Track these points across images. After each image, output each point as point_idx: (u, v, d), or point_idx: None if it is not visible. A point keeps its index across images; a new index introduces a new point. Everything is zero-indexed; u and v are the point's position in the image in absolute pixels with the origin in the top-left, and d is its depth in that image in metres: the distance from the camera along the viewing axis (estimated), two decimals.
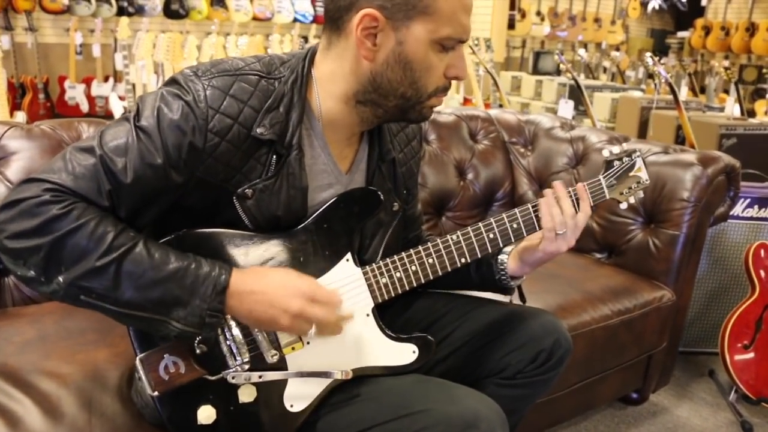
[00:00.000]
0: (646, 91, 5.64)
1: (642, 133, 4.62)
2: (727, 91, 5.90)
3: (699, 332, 2.45)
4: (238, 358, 1.02)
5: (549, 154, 2.37)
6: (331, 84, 1.09)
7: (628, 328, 1.86)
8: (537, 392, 1.30)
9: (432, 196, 2.16)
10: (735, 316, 2.17)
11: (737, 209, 2.35)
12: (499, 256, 1.30)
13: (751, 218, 2.37)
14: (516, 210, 1.22)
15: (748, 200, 2.35)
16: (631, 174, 1.33)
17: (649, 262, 2.02)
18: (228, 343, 1.02)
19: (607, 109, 5.03)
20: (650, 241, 2.02)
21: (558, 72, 6.49)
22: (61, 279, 0.92)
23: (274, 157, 1.06)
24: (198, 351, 1.01)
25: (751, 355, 2.16)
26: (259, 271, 1.02)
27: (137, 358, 1.02)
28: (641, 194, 1.35)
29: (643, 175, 1.34)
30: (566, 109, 3.71)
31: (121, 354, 1.29)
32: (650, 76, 6.42)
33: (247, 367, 1.03)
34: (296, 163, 1.08)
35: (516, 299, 1.36)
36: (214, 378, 1.03)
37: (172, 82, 1.03)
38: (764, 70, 7.05)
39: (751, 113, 4.81)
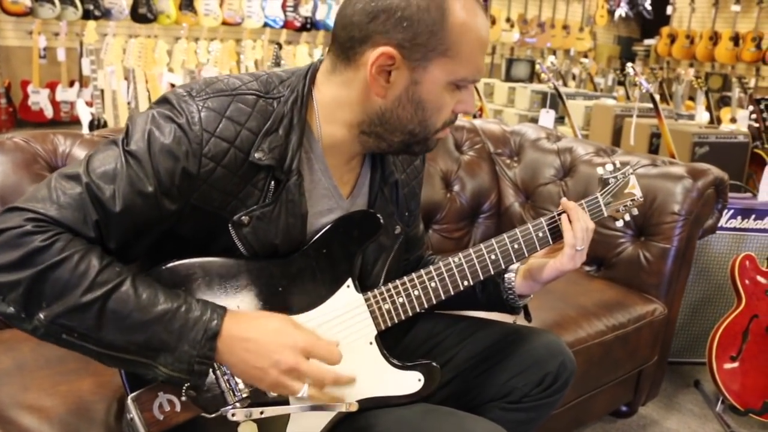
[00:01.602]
0: (617, 99, 5.70)
1: (616, 141, 4.66)
2: (692, 98, 6.00)
3: (684, 342, 2.46)
4: (237, 393, 0.97)
5: (536, 165, 2.35)
6: (335, 109, 1.04)
7: (623, 343, 1.84)
8: (542, 415, 1.28)
9: (420, 209, 2.11)
10: (722, 328, 2.17)
11: (721, 220, 2.36)
12: (506, 275, 1.27)
13: (735, 229, 2.38)
14: (516, 230, 1.20)
15: (731, 211, 2.36)
16: (626, 191, 1.33)
17: (640, 276, 2.00)
18: (226, 378, 0.97)
19: (581, 117, 5.07)
20: (641, 254, 2.01)
21: (531, 79, 6.51)
22: (42, 316, 0.86)
23: (273, 182, 1.01)
24: (185, 398, 0.95)
25: (737, 365, 2.16)
26: (254, 317, 0.96)
27: (129, 397, 0.96)
28: (635, 211, 1.35)
29: (637, 192, 1.34)
30: (547, 118, 3.72)
31: (106, 384, 1.22)
32: (620, 83, 6.49)
33: (247, 402, 0.98)
34: (296, 189, 1.03)
35: (521, 319, 1.33)
36: (212, 416, 0.97)
37: (164, 102, 0.98)
38: (730, 78, 7.20)
39: (717, 120, 4.88)
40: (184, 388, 0.94)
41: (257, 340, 0.92)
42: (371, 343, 1.10)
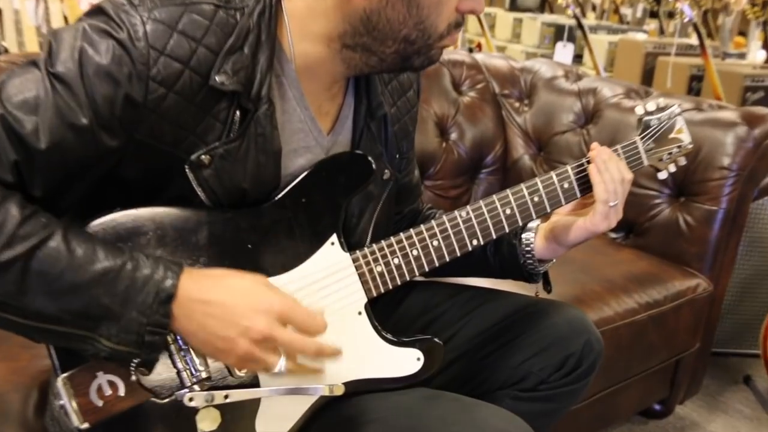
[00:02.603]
0: (648, 33, 5.76)
1: (646, 85, 4.72)
2: (743, 33, 6.07)
3: (731, 329, 2.51)
4: (195, 372, 0.99)
5: (551, 109, 2.38)
6: (309, 21, 1.04)
7: (658, 325, 1.89)
8: (563, 406, 1.32)
9: None
10: None
11: None
12: (523, 235, 1.30)
13: None
14: (537, 180, 1.23)
15: None
16: (671, 135, 1.35)
17: (678, 244, 2.05)
18: (182, 353, 0.99)
19: (603, 56, 5.11)
20: (680, 218, 2.05)
21: (541, 8, 6.54)
22: None
23: (238, 112, 1.01)
24: (134, 377, 0.97)
25: None
26: (218, 275, 0.97)
27: (59, 378, 0.96)
28: (683, 161, 1.37)
29: (685, 137, 1.36)
30: (565, 53, 3.76)
31: (21, 370, 1.24)
32: (653, 14, 6.55)
33: (207, 384, 1.00)
34: (266, 121, 1.04)
35: (540, 290, 1.37)
36: (164, 401, 0.99)
37: (98, 12, 0.96)
38: None
39: None
40: (133, 365, 0.95)
41: (222, 303, 0.93)
42: (360, 314, 1.12)
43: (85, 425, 0.96)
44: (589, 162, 1.25)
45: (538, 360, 1.26)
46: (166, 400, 0.99)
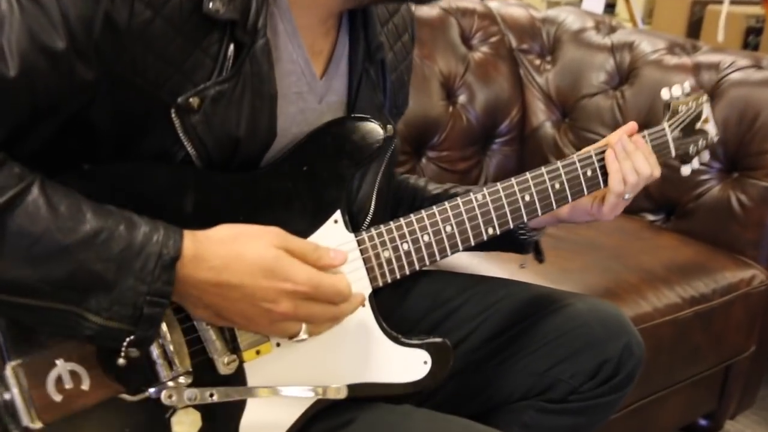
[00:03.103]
0: None
1: (693, 38, 4.73)
2: None
3: None
4: (175, 366, 1.00)
5: (578, 68, 2.40)
6: None
7: (705, 323, 1.92)
8: (596, 421, 1.36)
9: (408, 127, 2.17)
10: None
11: None
12: None
13: None
14: (558, 164, 1.29)
15: None
16: (698, 126, 1.42)
17: (730, 228, 2.09)
18: (160, 341, 1.00)
19: (640, 4, 5.12)
20: (733, 197, 2.10)
21: None
22: None
23: (232, 47, 1.02)
24: (123, 361, 0.96)
25: None
26: (226, 240, 0.99)
27: (8, 365, 0.94)
28: (707, 156, 1.45)
29: (712, 128, 1.43)
30: (594, 3, 3.76)
31: None
32: None
33: (187, 381, 1.01)
34: (264, 58, 1.05)
35: (530, 261, 1.43)
36: (135, 398, 1.00)
37: None
38: None
39: None
40: (124, 345, 0.95)
41: (239, 285, 0.97)
42: (363, 306, 1.15)
43: (38, 425, 0.95)
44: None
45: (568, 366, 1.30)
46: (138, 398, 1.00)
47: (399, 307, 1.38)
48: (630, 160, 1.30)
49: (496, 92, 2.35)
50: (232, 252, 0.98)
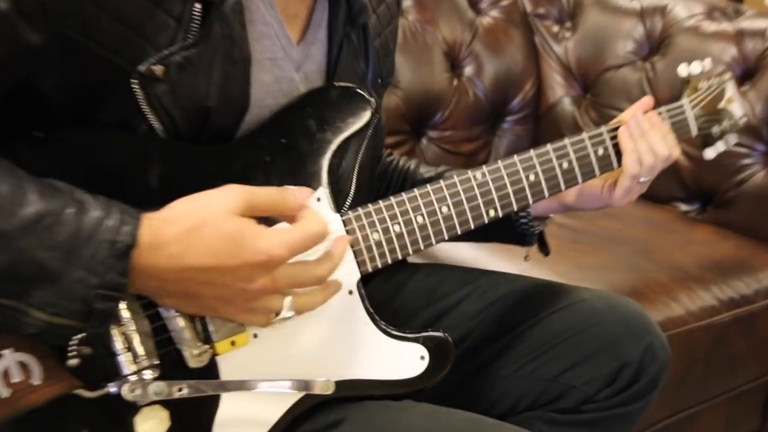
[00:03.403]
0: None
1: (735, 1, 4.68)
2: None
3: None
4: (139, 358, 1.00)
5: (602, 35, 2.40)
6: None
7: (746, 329, 1.91)
8: None
9: (407, 103, 2.17)
10: None
11: None
12: None
13: None
14: (566, 141, 1.30)
15: None
16: (720, 106, 1.43)
17: None
18: (122, 331, 1.00)
19: None
20: None
21: None
22: None
23: (198, 5, 1.03)
24: (74, 361, 0.97)
25: None
26: (185, 222, 0.97)
27: None
28: (734, 139, 1.46)
29: (737, 109, 1.45)
30: None
31: None
32: None
33: (153, 375, 1.02)
34: (235, 18, 1.06)
35: (534, 253, 1.43)
36: (94, 394, 0.99)
37: None
38: None
39: None
40: (74, 344, 0.96)
41: (203, 267, 0.96)
42: (351, 293, 1.16)
43: None
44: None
45: (582, 371, 1.30)
46: (97, 394, 1.00)
47: (390, 302, 1.39)
48: (646, 139, 1.31)
49: (507, 63, 2.35)
50: (189, 232, 0.96)
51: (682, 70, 1.41)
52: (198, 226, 0.96)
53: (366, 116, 1.16)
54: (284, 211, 1.03)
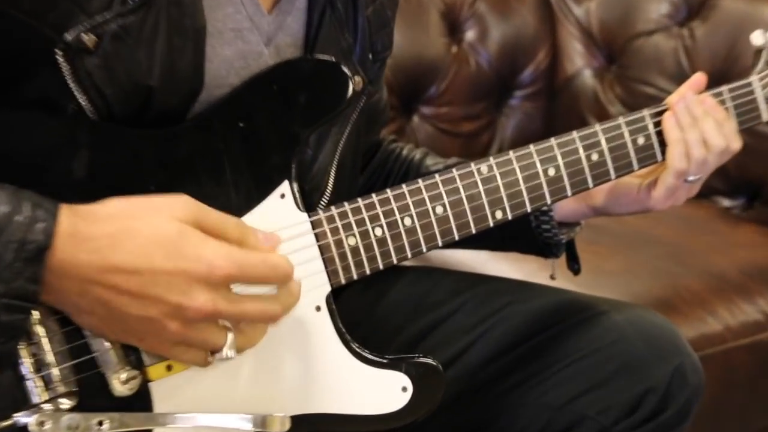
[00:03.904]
0: None
1: None
2: None
3: None
4: (53, 384, 1.00)
5: None
6: None
7: None
8: None
9: (395, 74, 2.17)
10: None
11: None
12: None
13: None
14: (597, 127, 1.28)
15: None
16: None
17: None
18: (33, 351, 1.00)
19: None
20: None
21: None
22: None
23: None
24: None
25: None
26: (117, 215, 0.98)
27: None
28: None
29: None
30: None
31: None
32: None
33: (69, 404, 1.01)
34: None
35: (561, 268, 1.44)
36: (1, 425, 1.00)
37: None
38: None
39: None
40: None
41: (136, 270, 0.95)
42: (319, 309, 1.15)
43: None
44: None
45: (597, 397, 1.30)
46: (4, 424, 0.99)
47: (369, 316, 1.39)
48: (697, 127, 1.29)
49: (516, 27, 2.36)
50: (122, 228, 0.96)
51: (757, 38, 1.38)
52: (132, 224, 0.97)
53: (345, 96, 1.15)
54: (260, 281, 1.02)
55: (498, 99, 2.38)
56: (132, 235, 0.96)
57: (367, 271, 1.17)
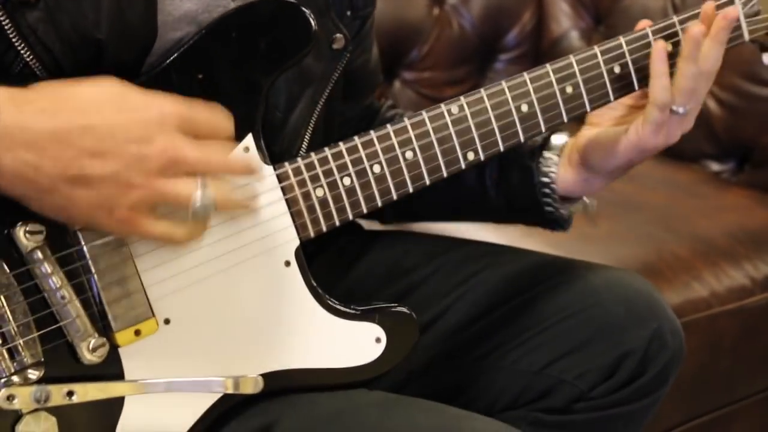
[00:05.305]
0: None
1: None
2: None
3: None
4: (18, 354, 1.00)
5: None
6: None
7: None
8: None
9: (376, 38, 2.12)
10: None
11: None
12: (545, 154, 1.35)
13: None
14: (571, 58, 1.26)
15: None
16: None
17: None
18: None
19: None
20: None
21: None
22: None
23: None
24: None
25: None
26: (56, 91, 0.98)
27: None
28: None
29: None
30: None
31: None
32: None
33: (37, 374, 1.01)
34: None
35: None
36: None
37: None
38: None
39: None
40: None
41: (87, 127, 0.94)
42: (288, 264, 1.15)
43: None
44: (659, 32, 1.28)
45: (574, 361, 1.31)
46: None
47: (342, 280, 1.40)
48: (698, 62, 1.23)
49: None
50: (63, 91, 0.97)
51: None
52: (72, 87, 0.98)
53: (307, 39, 1.12)
54: (209, 129, 1.02)
55: (482, 63, 2.38)
56: (75, 96, 0.97)
57: (337, 223, 1.17)
